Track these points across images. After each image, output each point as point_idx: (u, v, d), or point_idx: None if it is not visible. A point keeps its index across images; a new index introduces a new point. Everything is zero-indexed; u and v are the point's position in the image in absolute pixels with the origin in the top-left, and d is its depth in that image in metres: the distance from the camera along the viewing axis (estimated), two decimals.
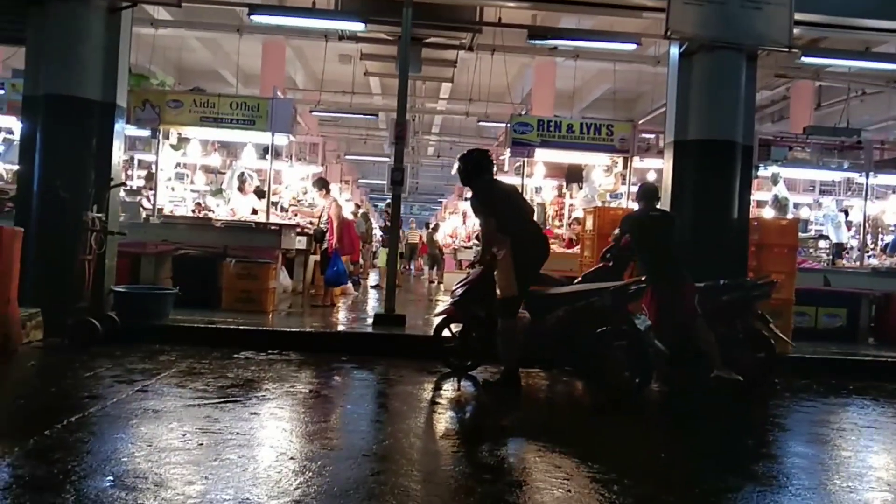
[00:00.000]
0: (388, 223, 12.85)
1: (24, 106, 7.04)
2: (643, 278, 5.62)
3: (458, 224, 20.35)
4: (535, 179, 11.63)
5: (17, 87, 8.44)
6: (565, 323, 5.27)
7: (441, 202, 36.47)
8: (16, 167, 8.24)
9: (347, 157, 24.87)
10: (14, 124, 8.88)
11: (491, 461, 3.56)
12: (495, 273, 5.36)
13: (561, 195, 12.78)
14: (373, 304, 10.48)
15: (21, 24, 6.97)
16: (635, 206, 6.51)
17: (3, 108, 8.93)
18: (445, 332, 6.07)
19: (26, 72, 7.03)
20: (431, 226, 20.49)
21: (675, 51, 7.34)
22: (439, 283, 16.16)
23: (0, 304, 5.46)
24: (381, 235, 17.07)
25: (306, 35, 13.54)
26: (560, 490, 3.18)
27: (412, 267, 21.39)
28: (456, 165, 5.93)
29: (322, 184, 9.91)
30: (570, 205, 12.41)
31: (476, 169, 5.56)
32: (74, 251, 6.24)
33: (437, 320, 6.24)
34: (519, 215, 5.42)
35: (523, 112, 11.50)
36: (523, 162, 10.64)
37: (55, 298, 6.25)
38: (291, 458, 3.40)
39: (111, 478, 2.93)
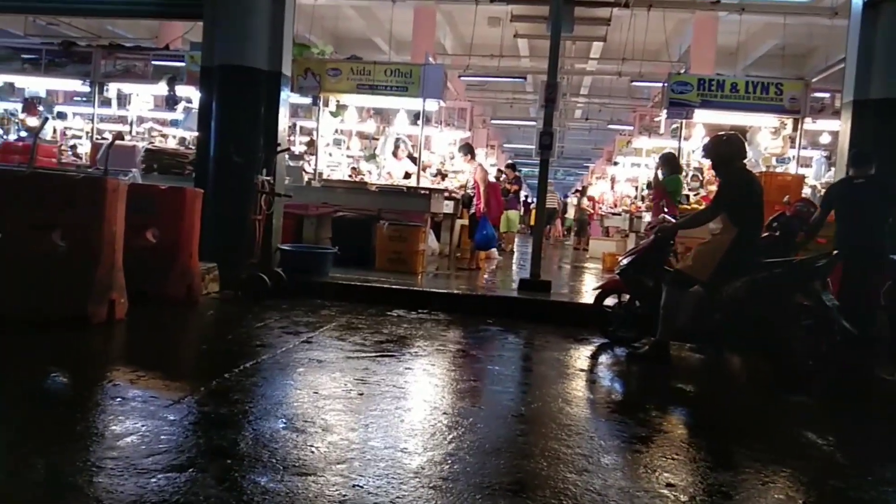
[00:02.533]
0: (506, 186, 12.65)
1: (201, 76, 7.64)
2: (835, 252, 5.21)
3: (605, 189, 19.79)
4: (692, 142, 11.02)
5: (195, 59, 9.16)
6: (744, 297, 4.93)
7: (588, 167, 35.61)
8: (195, 133, 9.04)
9: (493, 121, 24.86)
10: (193, 93, 9.66)
11: (643, 432, 3.49)
12: (686, 249, 5.34)
13: None
14: (516, 269, 10.51)
15: (199, 0, 7.54)
16: (805, 171, 6.06)
17: (184, 79, 9.72)
18: (608, 301, 5.91)
19: (203, 44, 7.61)
20: (578, 190, 20.09)
21: (857, 0, 6.63)
22: (584, 249, 15.88)
23: (184, 257, 6.04)
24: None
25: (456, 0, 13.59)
26: (718, 470, 3.06)
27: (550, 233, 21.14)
28: (706, 147, 5.52)
29: (467, 149, 10.00)
30: None
31: (731, 157, 5.14)
32: (246, 211, 6.76)
33: (598, 290, 6.05)
34: (755, 214, 5.09)
35: (682, 71, 10.89)
36: (681, 123, 10.11)
37: (229, 254, 6.82)
38: (444, 413, 3.52)
39: (283, 420, 3.18)
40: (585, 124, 26.84)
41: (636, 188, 14.66)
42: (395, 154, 10.42)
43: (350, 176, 10.82)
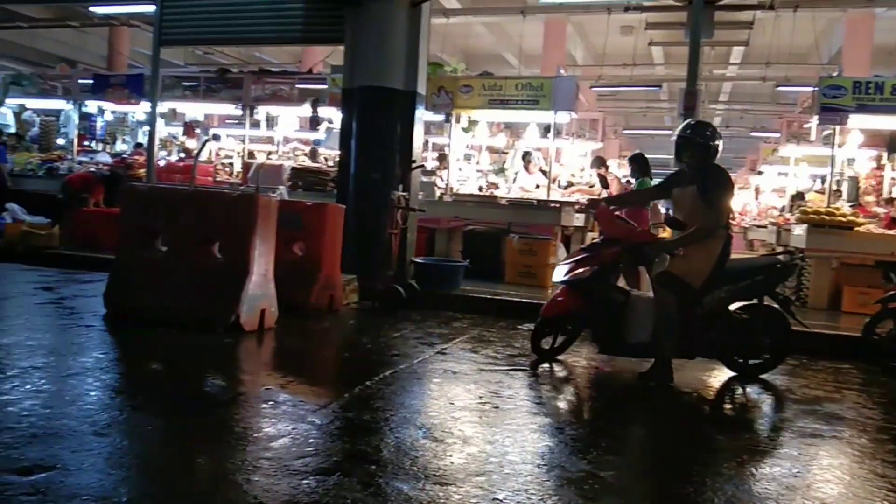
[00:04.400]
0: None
1: (342, 97, 8.04)
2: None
3: (748, 200, 18.70)
4: (846, 149, 10.21)
5: (336, 82, 9.65)
6: (725, 306, 4.68)
7: None
8: (335, 152, 9.54)
9: (626, 131, 24.27)
10: (334, 114, 10.18)
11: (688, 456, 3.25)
12: (676, 255, 4.60)
13: (879, 167, 11.04)
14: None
15: (340, 25, 7.96)
16: None
17: (326, 101, 10.27)
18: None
19: (344, 67, 8.01)
20: None
21: None
22: None
23: (328, 269, 6.35)
24: None
25: (588, 10, 13.44)
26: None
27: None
28: (691, 138, 4.66)
29: (600, 161, 9.84)
30: (892, 178, 10.68)
31: (716, 151, 4.65)
32: (383, 226, 7.01)
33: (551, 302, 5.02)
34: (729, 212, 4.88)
35: (834, 73, 10.13)
36: (833, 130, 9.39)
37: (367, 267, 7.09)
38: (582, 430, 3.47)
39: (422, 429, 3.26)
40: (726, 132, 25.49)
41: (788, 198, 13.74)
42: (526, 168, 10.43)
43: (481, 189, 10.94)
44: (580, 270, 4.64)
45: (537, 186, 10.18)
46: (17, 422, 2.96)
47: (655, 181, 9.45)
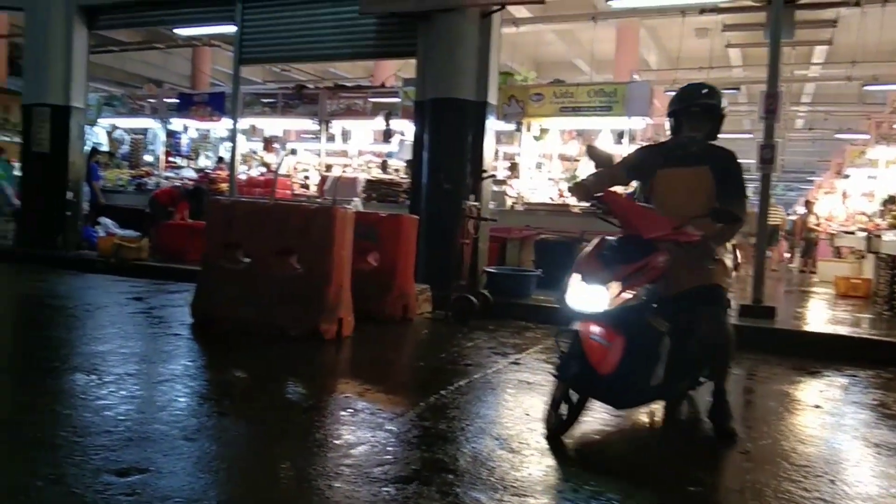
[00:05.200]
0: None
1: (414, 109, 8.17)
2: None
3: (835, 205, 17.86)
4: None
5: (408, 94, 9.81)
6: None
7: (811, 181, 32.42)
8: (403, 163, 9.71)
9: None
10: (406, 126, 10.33)
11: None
12: (712, 257, 3.53)
13: None
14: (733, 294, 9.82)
15: (412, 39, 8.09)
16: None
17: (398, 113, 10.44)
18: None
19: (416, 80, 8.13)
20: (803, 205, 18.29)
21: None
22: (811, 272, 14.41)
23: (402, 279, 6.44)
24: None
25: (662, 14, 13.18)
26: None
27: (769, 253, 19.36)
28: (714, 105, 3.68)
29: None
30: None
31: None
32: (455, 235, 7.05)
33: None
34: None
35: None
36: None
37: (440, 277, 7.15)
38: (659, 446, 3.39)
39: (497, 440, 3.26)
40: (808, 134, 24.51)
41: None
42: None
43: (552, 199, 10.85)
44: (626, 295, 3.19)
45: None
46: (115, 425, 3.12)
47: None
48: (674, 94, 3.88)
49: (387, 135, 10.79)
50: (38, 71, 10.13)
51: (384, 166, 12.03)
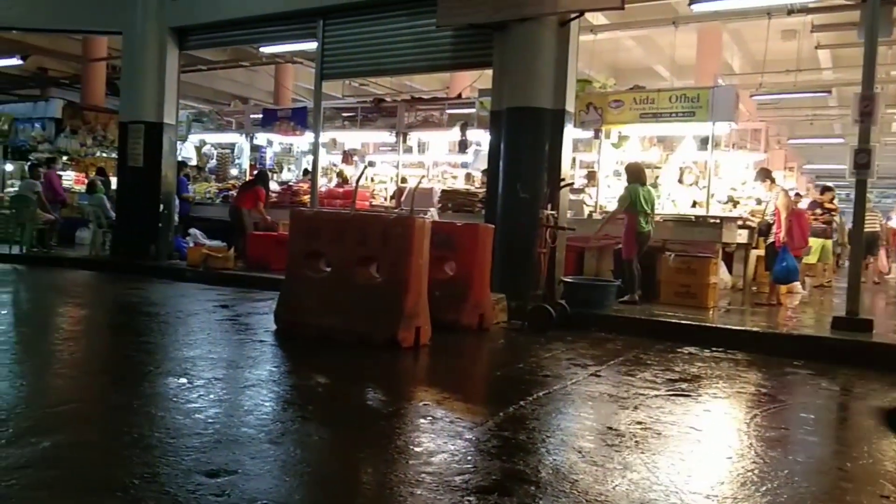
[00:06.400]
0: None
1: (491, 119, 8.18)
2: None
3: None
4: None
5: (484, 104, 9.83)
6: None
7: None
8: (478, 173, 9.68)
9: (791, 141, 22.60)
10: (481, 136, 10.34)
11: None
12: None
13: None
14: (824, 305, 9.33)
15: (488, 49, 8.11)
16: None
17: (475, 124, 10.47)
18: None
19: (493, 90, 8.13)
20: None
21: None
22: None
23: (479, 288, 6.43)
24: None
25: (745, 16, 12.74)
26: None
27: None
28: None
29: (765, 174, 9.19)
30: None
31: None
32: (532, 245, 7.00)
33: None
34: None
35: None
36: None
37: (516, 286, 7.10)
38: (752, 462, 3.22)
39: (580, 453, 3.19)
40: None
41: None
42: (680, 181, 10.00)
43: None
44: None
45: (694, 204, 9.71)
46: (205, 428, 3.24)
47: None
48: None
49: (462, 145, 10.83)
50: (134, 90, 10.74)
51: (468, 177, 12.08)
